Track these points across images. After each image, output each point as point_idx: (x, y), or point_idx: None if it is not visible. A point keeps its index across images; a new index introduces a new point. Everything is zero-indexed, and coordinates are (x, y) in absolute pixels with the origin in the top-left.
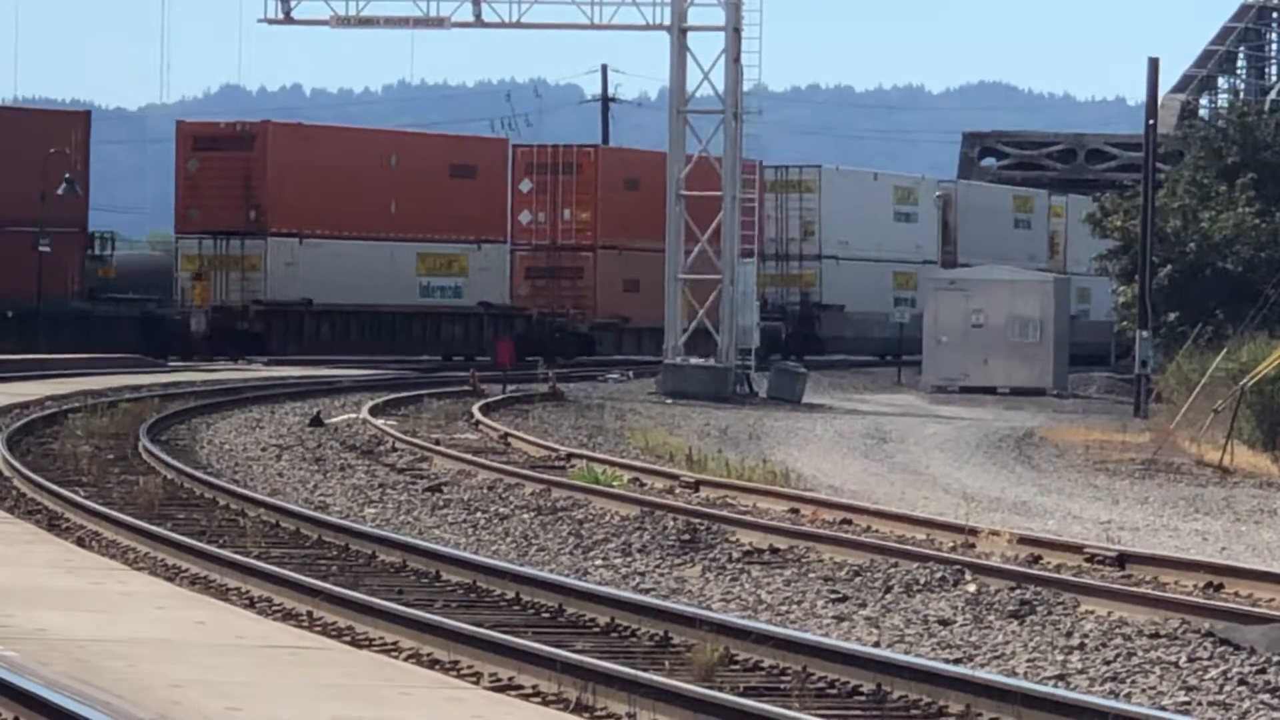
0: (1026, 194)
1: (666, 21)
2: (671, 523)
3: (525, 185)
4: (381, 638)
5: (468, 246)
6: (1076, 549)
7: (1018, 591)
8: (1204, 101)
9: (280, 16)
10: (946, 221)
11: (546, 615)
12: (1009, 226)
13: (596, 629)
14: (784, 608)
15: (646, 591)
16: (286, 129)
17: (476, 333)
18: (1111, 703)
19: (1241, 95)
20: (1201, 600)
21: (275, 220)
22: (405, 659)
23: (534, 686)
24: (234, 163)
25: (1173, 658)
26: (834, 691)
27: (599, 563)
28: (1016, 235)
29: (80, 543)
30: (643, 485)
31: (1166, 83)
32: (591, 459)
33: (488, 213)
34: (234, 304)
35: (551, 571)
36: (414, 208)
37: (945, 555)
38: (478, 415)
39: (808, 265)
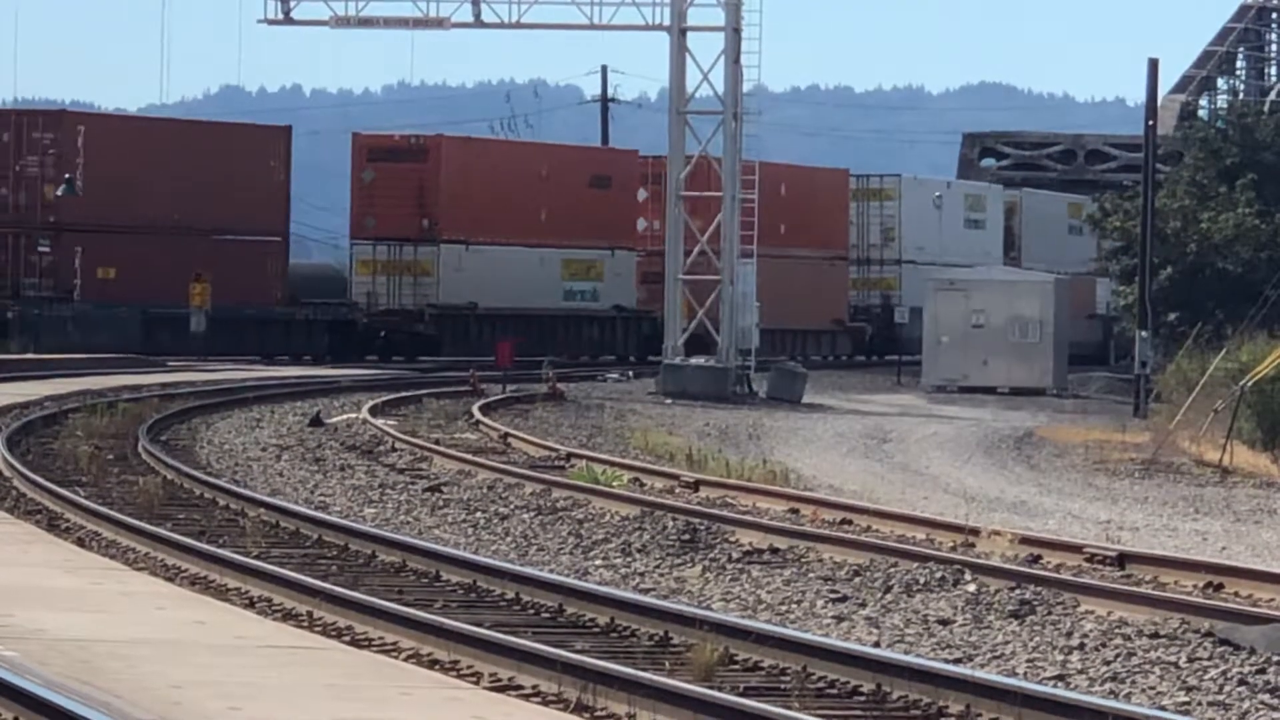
0: (1080, 200)
1: (666, 22)
2: (671, 523)
3: (641, 194)
4: (381, 638)
5: (603, 253)
6: (1076, 549)
7: (1017, 591)
8: (1203, 102)
9: (280, 17)
10: (1010, 228)
11: (546, 615)
12: (1064, 232)
13: (596, 629)
14: (784, 608)
15: (646, 591)
16: (457, 143)
17: (610, 334)
18: (1111, 703)
19: (1241, 96)
20: (1201, 600)
21: (446, 228)
22: (405, 659)
23: (534, 686)
24: (408, 173)
25: (1172, 658)
26: (834, 691)
27: (599, 563)
28: (1072, 241)
29: (80, 543)
30: (642, 485)
31: (1166, 83)
32: (591, 459)
33: (620, 220)
34: (409, 307)
35: (551, 571)
36: (560, 216)
37: (945, 555)
38: (477, 415)
39: (888, 270)
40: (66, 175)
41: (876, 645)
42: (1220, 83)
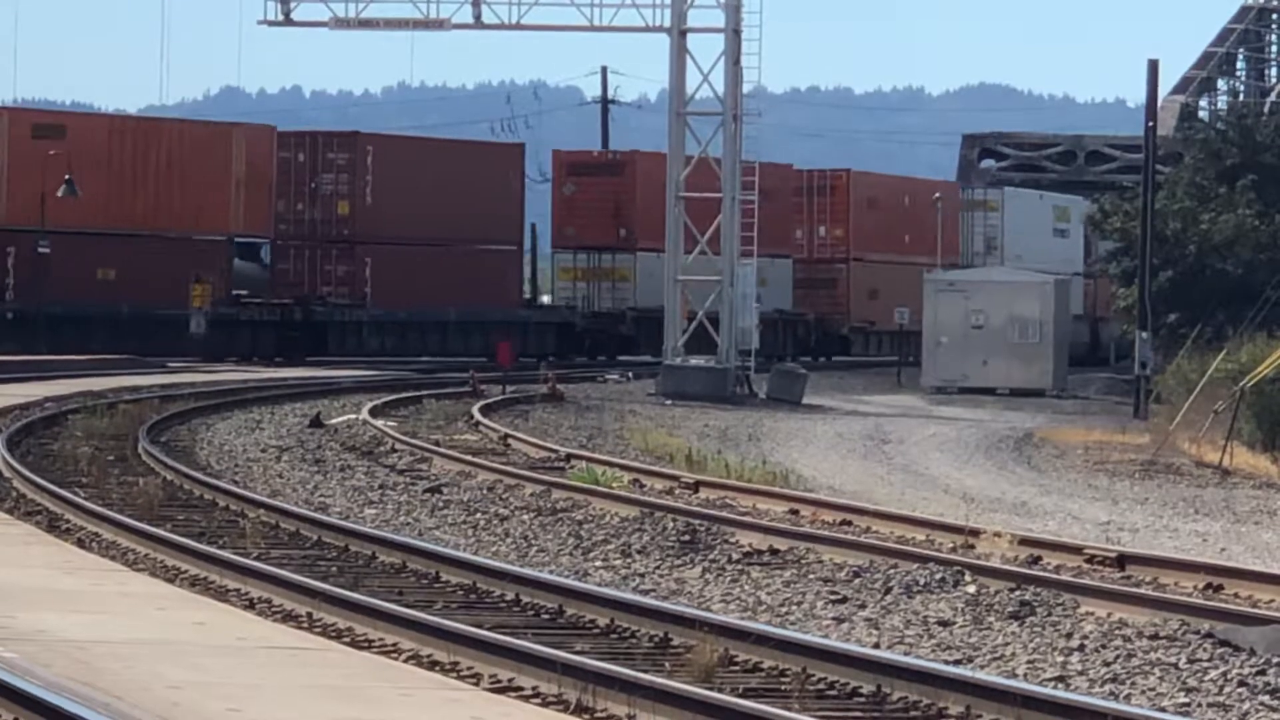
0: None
1: (666, 23)
2: (671, 524)
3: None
4: (381, 639)
5: (766, 259)
6: (1076, 550)
7: (1017, 593)
8: (1204, 103)
9: (280, 18)
10: (1087, 238)
11: (546, 616)
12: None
13: (596, 630)
14: (784, 609)
15: (646, 593)
16: (651, 158)
17: (773, 335)
18: (1111, 704)
19: (1241, 97)
20: (1201, 601)
21: (642, 237)
22: (405, 660)
23: (534, 688)
24: (606, 187)
25: (1172, 659)
26: (834, 693)
27: (599, 564)
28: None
29: (80, 544)
30: (642, 486)
31: (1166, 84)
32: (591, 460)
33: (780, 229)
34: (609, 310)
35: (551, 573)
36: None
37: (945, 556)
38: (477, 416)
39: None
40: (66, 176)
41: (876, 646)
42: (1220, 84)
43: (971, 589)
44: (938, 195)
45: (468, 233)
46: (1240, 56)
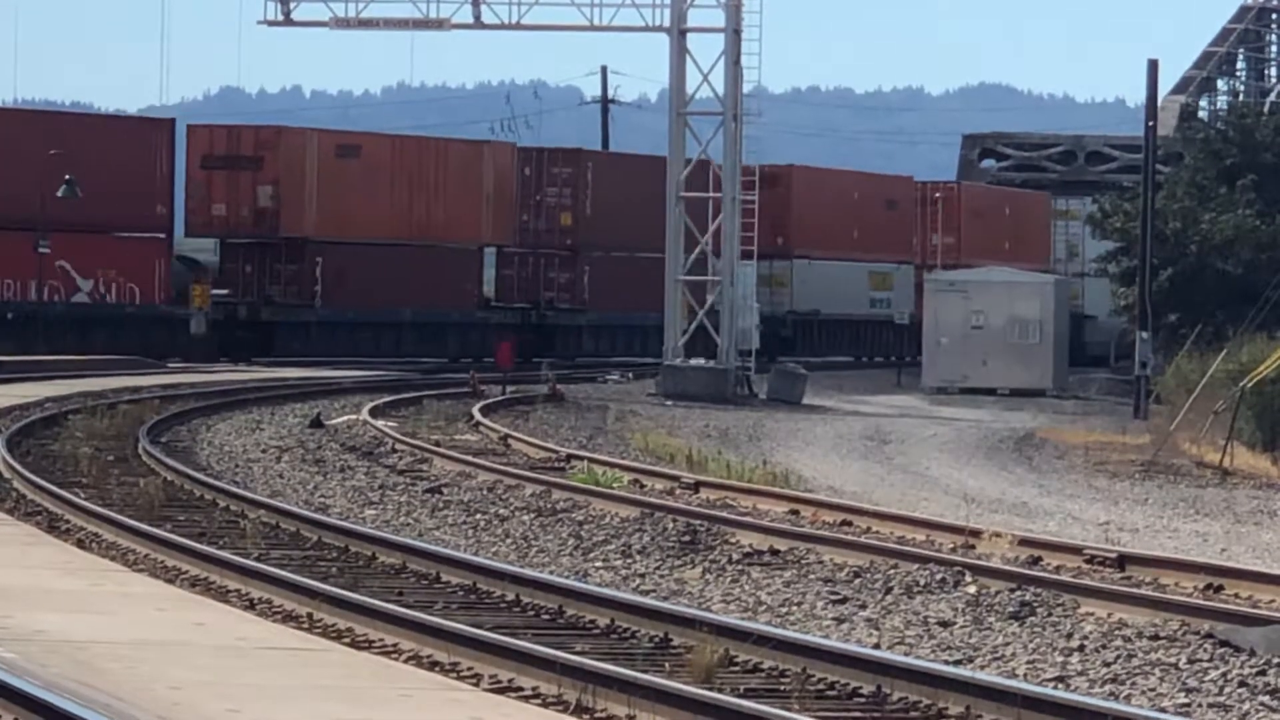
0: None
1: (666, 23)
2: (671, 524)
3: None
4: (382, 639)
5: (892, 266)
6: (1076, 550)
7: (1018, 593)
8: (1204, 103)
9: (280, 18)
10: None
11: (546, 617)
12: None
13: (596, 630)
14: (784, 609)
15: (646, 593)
16: (807, 172)
17: (899, 338)
18: (1111, 704)
19: (1241, 97)
20: (1201, 602)
21: (798, 245)
22: (405, 661)
23: (534, 688)
24: (765, 198)
25: (1173, 659)
26: (834, 693)
27: (599, 564)
28: None
29: (80, 544)
30: (643, 487)
31: (1166, 84)
32: (591, 460)
33: (903, 238)
34: (769, 314)
35: (551, 573)
36: (865, 234)
37: (945, 557)
38: (478, 416)
39: (1073, 282)
40: (67, 177)
41: (877, 647)
42: (1220, 83)
43: (972, 589)
44: (938, 195)
45: (650, 241)
46: (1240, 56)
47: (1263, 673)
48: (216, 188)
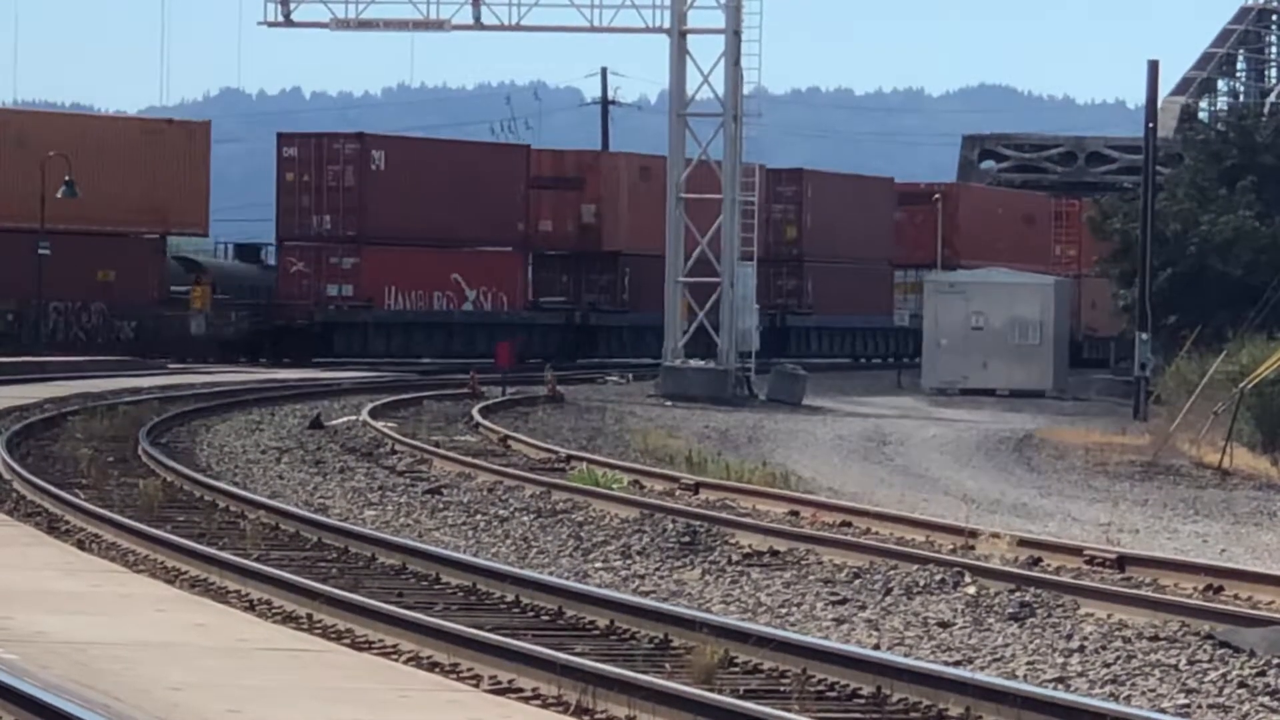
0: None
1: (666, 24)
2: (671, 525)
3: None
4: (381, 640)
5: (1032, 274)
6: (1076, 551)
7: (1017, 594)
8: (1204, 104)
9: (280, 19)
10: None
11: (546, 618)
12: None
13: (596, 631)
14: (784, 610)
15: (646, 594)
16: (964, 189)
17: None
18: (1111, 705)
19: (1241, 98)
20: (1201, 603)
21: (963, 256)
22: (405, 662)
23: (534, 689)
24: (930, 214)
25: (1172, 660)
26: (834, 694)
27: (599, 565)
28: None
29: (80, 545)
30: (642, 488)
31: (1166, 85)
32: (591, 461)
33: (1040, 249)
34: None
35: (551, 574)
36: (1010, 245)
37: (945, 558)
38: (477, 417)
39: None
40: (66, 178)
41: (876, 648)
42: (1220, 85)
43: (971, 590)
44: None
45: (865, 254)
46: (1240, 57)
47: (1262, 674)
48: (544, 205)
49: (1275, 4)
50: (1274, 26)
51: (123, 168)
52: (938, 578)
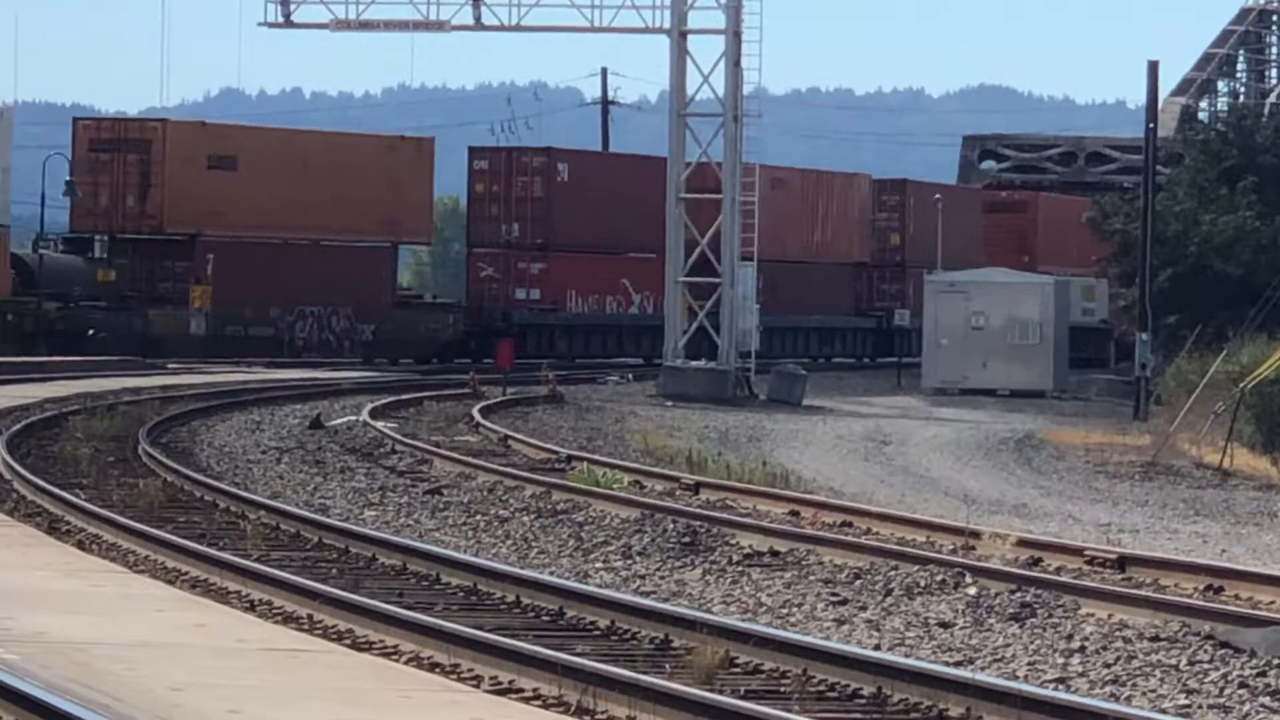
0: None
1: (666, 25)
2: (672, 525)
3: None
4: (382, 641)
5: (1093, 280)
6: (1077, 551)
7: (1018, 594)
8: (1204, 105)
9: (280, 20)
10: None
11: (547, 618)
12: None
13: (597, 632)
14: (784, 610)
15: (647, 594)
16: (1045, 199)
17: (1098, 345)
18: (1112, 705)
19: (1241, 98)
20: (1202, 603)
21: (1043, 261)
22: (406, 662)
23: (534, 690)
24: (1012, 222)
25: (1173, 660)
26: (834, 694)
27: (599, 565)
28: None
29: (80, 546)
30: (643, 488)
31: (1166, 86)
32: (592, 461)
33: (1083, 252)
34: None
35: (552, 574)
36: (1078, 251)
37: (945, 558)
38: (478, 418)
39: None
40: (67, 179)
41: (877, 648)
42: (1221, 85)
43: (972, 590)
44: (938, 196)
45: (958, 260)
46: (1240, 58)
47: (1263, 674)
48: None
49: (1275, 4)
50: (1274, 27)
51: (366, 181)
52: (938, 578)
